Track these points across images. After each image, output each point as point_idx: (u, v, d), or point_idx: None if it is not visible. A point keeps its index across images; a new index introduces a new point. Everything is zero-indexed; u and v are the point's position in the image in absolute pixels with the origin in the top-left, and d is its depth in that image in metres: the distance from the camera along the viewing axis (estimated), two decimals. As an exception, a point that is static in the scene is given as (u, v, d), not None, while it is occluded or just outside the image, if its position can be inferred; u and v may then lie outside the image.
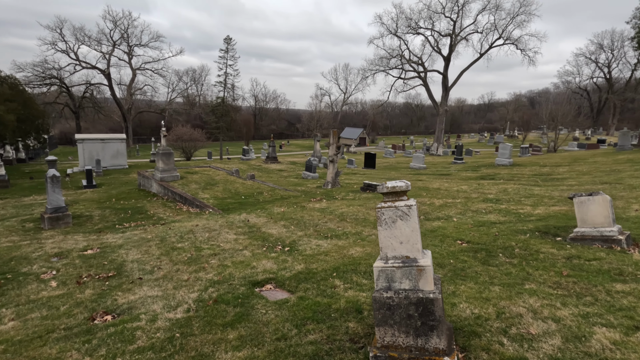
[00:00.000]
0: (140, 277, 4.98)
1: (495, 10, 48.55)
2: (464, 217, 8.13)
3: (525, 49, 48.39)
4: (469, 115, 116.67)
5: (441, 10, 49.65)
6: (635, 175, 13.21)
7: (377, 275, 2.61)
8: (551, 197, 9.87)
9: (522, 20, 48.39)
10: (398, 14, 52.44)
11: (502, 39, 48.37)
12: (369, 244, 6.02)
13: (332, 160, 15.38)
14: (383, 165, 28.03)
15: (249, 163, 26.54)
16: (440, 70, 51.10)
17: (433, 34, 51.05)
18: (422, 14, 55.35)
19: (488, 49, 49.30)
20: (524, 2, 46.48)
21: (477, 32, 49.94)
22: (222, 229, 7.96)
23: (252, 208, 10.97)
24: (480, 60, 50.85)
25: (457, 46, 50.13)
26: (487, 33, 49.59)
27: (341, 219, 8.56)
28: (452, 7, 48.76)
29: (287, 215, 9.25)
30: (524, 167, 20.10)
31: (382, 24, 52.96)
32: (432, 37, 51.24)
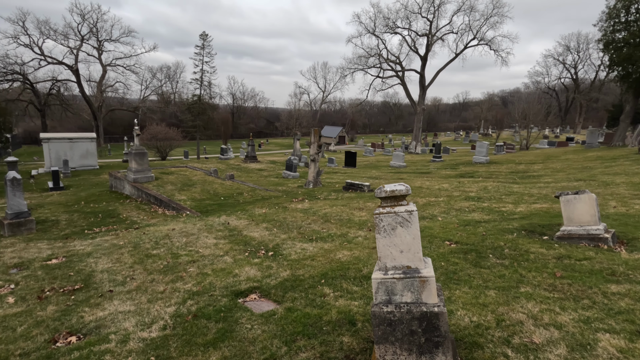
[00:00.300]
0: (110, 290, 4.56)
1: (469, 12, 49.63)
2: (449, 216, 8.08)
3: (498, 49, 49.74)
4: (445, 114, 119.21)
5: (418, 10, 50.26)
6: (606, 172, 13.69)
7: (376, 287, 2.38)
8: (530, 194, 10.01)
9: (495, 21, 49.74)
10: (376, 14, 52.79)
11: (477, 39, 49.51)
12: (356, 246, 5.81)
13: (314, 159, 15.13)
14: (363, 164, 28.04)
15: (227, 162, 25.90)
16: (418, 70, 51.75)
17: (410, 33, 51.64)
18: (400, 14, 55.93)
19: (463, 49, 50.34)
20: (497, 3, 47.73)
21: (452, 33, 50.90)
22: (201, 233, 7.56)
23: (232, 210, 10.57)
24: (456, 60, 51.86)
25: (433, 46, 50.89)
26: (462, 33, 50.65)
27: (325, 220, 8.33)
28: (429, 8, 49.46)
29: (269, 217, 8.93)
30: (500, 165, 20.55)
31: (360, 23, 53.13)
32: (410, 36, 51.85)
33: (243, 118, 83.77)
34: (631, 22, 23.80)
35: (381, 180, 16.65)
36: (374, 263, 4.81)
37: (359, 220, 8.18)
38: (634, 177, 11.35)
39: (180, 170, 18.47)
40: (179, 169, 19.35)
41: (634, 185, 10.10)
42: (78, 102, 59.03)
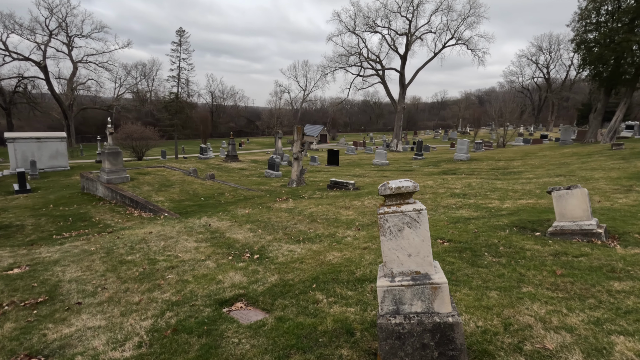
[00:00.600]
0: (79, 302, 4.12)
1: (447, 12, 50.38)
2: (437, 214, 7.95)
3: (475, 49, 50.73)
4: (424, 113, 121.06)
5: (397, 10, 50.62)
6: (583, 167, 14.01)
7: (382, 296, 2.12)
8: (515, 190, 10.05)
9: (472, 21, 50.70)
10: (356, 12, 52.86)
11: (455, 39, 50.32)
12: (346, 247, 5.55)
13: (297, 157, 14.81)
14: (346, 162, 27.90)
15: (207, 162, 25.18)
16: (398, 69, 52.16)
17: (390, 32, 51.97)
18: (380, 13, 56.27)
19: (441, 48, 51.07)
20: (473, 4, 48.67)
21: (431, 32, 51.54)
22: (180, 236, 7.12)
23: (214, 210, 10.12)
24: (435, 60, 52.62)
25: (412, 45, 51.41)
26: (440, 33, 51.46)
27: (311, 219, 8.05)
28: (408, 7, 49.87)
29: (253, 218, 8.57)
30: (481, 162, 20.83)
31: (341, 21, 53.08)
32: (389, 35, 52.16)
33: (223, 117, 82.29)
34: (601, 23, 24.63)
35: (365, 178, 16.51)
36: (366, 265, 4.57)
37: (346, 219, 7.95)
38: (611, 172, 11.62)
39: (158, 171, 17.74)
40: (156, 169, 18.59)
41: (613, 180, 10.31)
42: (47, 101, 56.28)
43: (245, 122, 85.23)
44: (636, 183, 9.59)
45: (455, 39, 50.77)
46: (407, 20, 50.59)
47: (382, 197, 2.19)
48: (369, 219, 7.88)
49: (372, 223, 7.42)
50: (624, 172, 11.36)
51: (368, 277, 4.16)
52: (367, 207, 9.24)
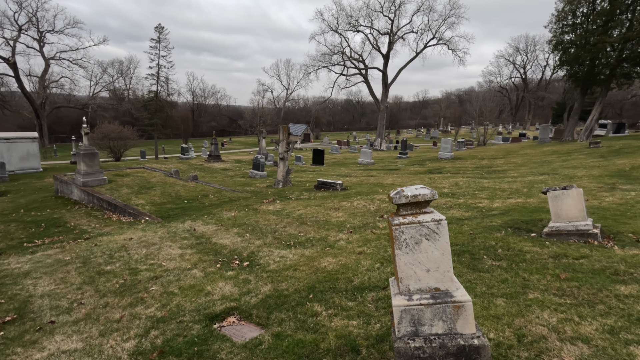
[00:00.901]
0: (52, 321, 3.75)
1: (428, 12, 50.93)
2: (428, 214, 7.86)
3: (455, 49, 51.50)
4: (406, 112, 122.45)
5: (379, 9, 50.82)
6: (565, 165, 14.31)
7: (399, 317, 1.91)
8: (502, 189, 10.09)
9: (453, 22, 51.54)
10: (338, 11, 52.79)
11: (436, 39, 50.92)
12: (341, 252, 5.34)
13: (283, 157, 14.52)
14: (331, 162, 27.75)
15: (189, 162, 24.51)
16: (380, 68, 52.40)
17: (372, 32, 52.14)
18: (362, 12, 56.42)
19: (423, 48, 51.59)
20: (454, 4, 49.36)
21: (412, 32, 51.98)
22: (164, 242, 6.74)
23: (198, 214, 9.72)
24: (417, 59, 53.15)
25: (395, 45, 51.74)
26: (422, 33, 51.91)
27: (301, 222, 7.80)
28: (390, 7, 50.15)
29: (240, 221, 8.25)
30: (465, 161, 21.07)
31: (323, 20, 53.00)
32: (372, 35, 52.32)
33: (204, 116, 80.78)
34: (577, 24, 25.33)
35: (352, 178, 16.38)
36: (363, 271, 4.37)
37: (337, 221, 7.74)
38: (593, 170, 11.87)
39: (137, 172, 17.07)
40: (135, 170, 17.90)
41: (596, 178, 10.51)
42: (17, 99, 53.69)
43: (228, 122, 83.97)
44: (618, 181, 9.80)
45: (436, 38, 51.38)
46: (390, 19, 50.89)
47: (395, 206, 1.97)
48: (360, 220, 7.70)
49: (363, 225, 7.25)
50: (604, 170, 11.62)
51: (367, 285, 3.96)
52: (356, 208, 9.07)
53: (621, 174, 10.83)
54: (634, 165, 11.92)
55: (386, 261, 4.65)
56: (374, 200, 9.81)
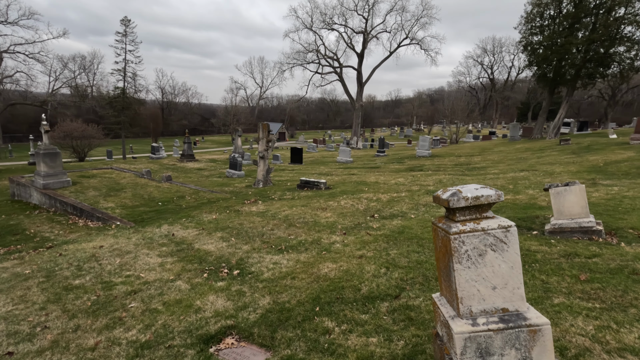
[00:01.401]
0: (9, 352, 3.14)
1: (401, 12, 51.53)
2: (419, 213, 7.65)
3: (428, 49, 52.45)
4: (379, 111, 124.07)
5: (354, 8, 50.86)
6: (541, 162, 14.68)
7: (463, 346, 1.57)
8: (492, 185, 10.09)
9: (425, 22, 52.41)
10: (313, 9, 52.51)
11: (409, 38, 51.60)
12: (339, 256, 4.98)
13: (263, 156, 13.98)
14: (309, 160, 27.36)
15: (160, 162, 23.36)
16: (355, 67, 52.52)
17: (347, 30, 52.13)
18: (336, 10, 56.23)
19: (396, 47, 52.15)
20: (426, 5, 50.22)
21: (386, 32, 52.43)
22: (140, 250, 6.11)
23: (175, 217, 9.05)
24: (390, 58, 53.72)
25: (369, 43, 52.00)
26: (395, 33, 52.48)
27: (289, 224, 7.37)
28: (364, 6, 50.31)
29: (222, 224, 7.70)
30: (442, 158, 21.31)
31: (298, 17, 52.42)
32: (346, 33, 52.31)
33: (174, 114, 78.05)
34: (545, 26, 26.28)
35: (334, 176, 16.07)
36: (370, 278, 4.03)
37: (326, 222, 7.38)
38: (569, 166, 12.19)
39: (105, 173, 15.96)
40: (102, 171, 16.74)
41: (574, 174, 10.76)
42: (-34, 95, 49.51)
43: (200, 120, 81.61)
44: (596, 176, 10.06)
45: (409, 38, 52.09)
46: (364, 18, 51.05)
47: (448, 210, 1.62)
48: (350, 221, 7.38)
49: (355, 226, 6.92)
50: (580, 166, 11.95)
51: (377, 293, 3.62)
52: (344, 207, 8.74)
53: (597, 169, 11.15)
54: (606, 161, 12.34)
55: (392, 266, 4.33)
56: (361, 199, 9.52)
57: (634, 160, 11.55)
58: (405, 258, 4.58)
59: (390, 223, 6.87)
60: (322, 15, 52.19)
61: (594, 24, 23.01)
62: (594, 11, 22.88)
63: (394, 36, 53.40)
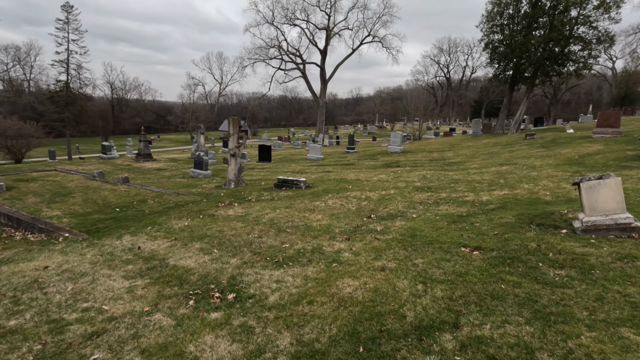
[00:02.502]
0: None
1: (363, 9, 51.86)
2: (420, 212, 7.05)
3: (390, 47, 53.07)
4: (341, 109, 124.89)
5: (316, 3, 50.12)
6: (515, 156, 14.80)
7: None
8: (477, 181, 9.76)
9: (387, 20, 52.98)
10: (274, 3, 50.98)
11: (371, 36, 51.87)
12: (355, 268, 4.16)
13: (234, 154, 12.82)
14: (278, 158, 26.27)
15: (113, 163, 21.19)
16: (318, 63, 51.91)
17: (309, 26, 51.34)
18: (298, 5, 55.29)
19: (359, 45, 52.24)
20: (387, 3, 50.72)
21: (348, 29, 52.31)
22: (98, 270, 4.89)
23: (138, 225, 7.75)
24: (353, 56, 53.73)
25: (332, 40, 51.61)
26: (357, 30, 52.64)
27: (277, 229, 6.44)
28: (326, 2, 49.75)
29: (198, 232, 6.60)
30: (415, 154, 21.20)
31: (258, 11, 51.26)
32: (308, 29, 51.51)
33: (126, 111, 72.94)
34: (505, 25, 27.16)
35: (310, 174, 15.23)
36: (409, 298, 3.25)
37: (320, 225, 6.54)
38: (547, 160, 12.29)
39: (48, 175, 13.91)
40: (44, 173, 14.61)
41: (555, 167, 10.76)
42: None
43: (154, 118, 76.98)
44: (579, 169, 10.08)
45: (371, 36, 52.37)
46: (327, 14, 50.51)
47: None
48: (346, 223, 6.60)
49: (354, 229, 6.15)
50: (557, 160, 12.07)
51: (427, 321, 2.84)
52: (333, 208, 7.95)
53: (575, 162, 11.27)
54: (579, 154, 12.60)
55: (428, 280, 3.59)
56: (349, 198, 8.78)
57: (607, 153, 11.86)
58: (438, 269, 3.86)
59: (393, 224, 6.17)
60: (283, 10, 51.01)
61: (551, 24, 24.04)
62: (551, 12, 23.90)
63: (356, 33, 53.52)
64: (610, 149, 12.39)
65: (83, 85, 40.77)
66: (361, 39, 52.64)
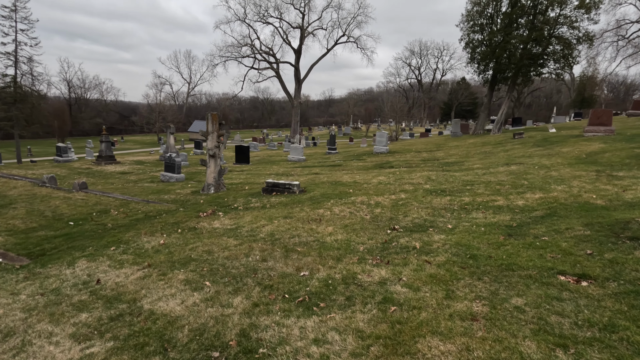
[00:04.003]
0: None
1: (338, 9, 51.01)
2: (451, 221, 5.87)
3: (364, 47, 52.59)
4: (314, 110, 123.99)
5: (290, 1, 48.74)
6: (514, 155, 14.10)
7: None
8: (498, 182, 8.76)
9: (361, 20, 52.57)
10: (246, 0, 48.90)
11: (346, 36, 51.14)
12: (429, 314, 2.85)
13: (214, 154, 11.21)
14: (256, 160, 24.60)
15: (70, 166, 18.76)
16: (292, 63, 50.53)
17: (282, 24, 49.82)
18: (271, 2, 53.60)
19: (334, 45, 51.42)
20: (362, 4, 50.27)
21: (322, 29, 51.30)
22: (34, 323, 3.29)
23: (98, 244, 6.05)
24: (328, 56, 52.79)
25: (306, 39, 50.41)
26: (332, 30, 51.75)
27: (283, 248, 5.03)
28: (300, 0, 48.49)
29: (179, 253, 5.06)
30: (402, 154, 20.29)
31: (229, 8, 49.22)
32: (282, 28, 50.00)
33: (86, 111, 68.01)
34: (485, 25, 27.01)
35: (296, 177, 13.82)
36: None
37: (336, 241, 5.20)
38: (555, 159, 11.59)
39: (-16, 182, 11.62)
40: (-19, 179, 12.27)
41: (572, 166, 9.99)
42: None
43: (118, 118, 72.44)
44: (598, 169, 9.34)
45: (346, 36, 51.66)
46: (301, 12, 49.25)
47: None
48: (368, 237, 5.30)
49: (383, 245, 4.86)
50: (564, 158, 11.39)
51: None
52: (343, 217, 6.64)
53: (586, 161, 10.60)
54: (584, 152, 12.01)
55: (566, 341, 2.33)
56: (356, 204, 7.50)
57: (613, 151, 11.32)
58: (559, 316, 2.63)
59: (431, 239, 4.93)
60: (256, 7, 49.25)
61: (532, 24, 24.03)
62: (531, 11, 23.88)
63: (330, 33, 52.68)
64: (615, 147, 11.90)
65: (36, 81, 36.99)
66: (336, 39, 51.81)
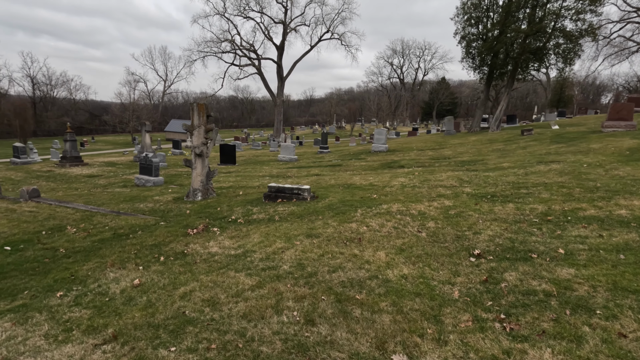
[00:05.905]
0: None
1: (322, 4, 49.10)
2: (551, 241, 4.25)
3: (349, 44, 51.08)
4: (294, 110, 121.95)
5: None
6: (536, 152, 12.77)
7: None
8: (559, 184, 7.21)
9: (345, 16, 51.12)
10: (226, -8, 46.38)
11: (330, 32, 49.51)
12: None
13: (201, 153, 9.24)
14: (241, 160, 22.52)
15: (28, 169, 16.15)
16: (275, 59, 48.46)
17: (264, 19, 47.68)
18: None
19: (317, 41, 49.71)
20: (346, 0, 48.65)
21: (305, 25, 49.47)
22: None
23: (39, 285, 4.04)
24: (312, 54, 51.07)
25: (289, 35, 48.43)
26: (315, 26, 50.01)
27: (332, 295, 3.26)
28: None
29: (164, 308, 3.17)
30: (404, 152, 18.76)
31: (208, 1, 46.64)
32: (263, 23, 47.84)
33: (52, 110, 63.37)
34: (481, 18, 25.97)
35: (297, 179, 11.99)
36: None
37: (403, 278, 3.48)
38: (594, 156, 10.26)
39: None
40: None
41: (619, 163, 8.66)
42: None
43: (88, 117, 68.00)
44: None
45: (330, 32, 50.00)
46: (283, 7, 47.22)
47: None
48: (451, 271, 3.60)
49: (483, 284, 3.16)
50: (603, 156, 10.07)
51: None
52: (389, 235, 4.91)
53: (632, 158, 9.31)
54: (621, 148, 10.78)
55: None
56: (394, 215, 5.78)
57: (656, 147, 10.11)
58: None
59: (553, 275, 3.24)
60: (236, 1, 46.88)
61: (531, 17, 23.10)
62: (531, 3, 22.92)
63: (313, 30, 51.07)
64: (653, 143, 10.73)
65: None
66: (319, 36, 50.07)
